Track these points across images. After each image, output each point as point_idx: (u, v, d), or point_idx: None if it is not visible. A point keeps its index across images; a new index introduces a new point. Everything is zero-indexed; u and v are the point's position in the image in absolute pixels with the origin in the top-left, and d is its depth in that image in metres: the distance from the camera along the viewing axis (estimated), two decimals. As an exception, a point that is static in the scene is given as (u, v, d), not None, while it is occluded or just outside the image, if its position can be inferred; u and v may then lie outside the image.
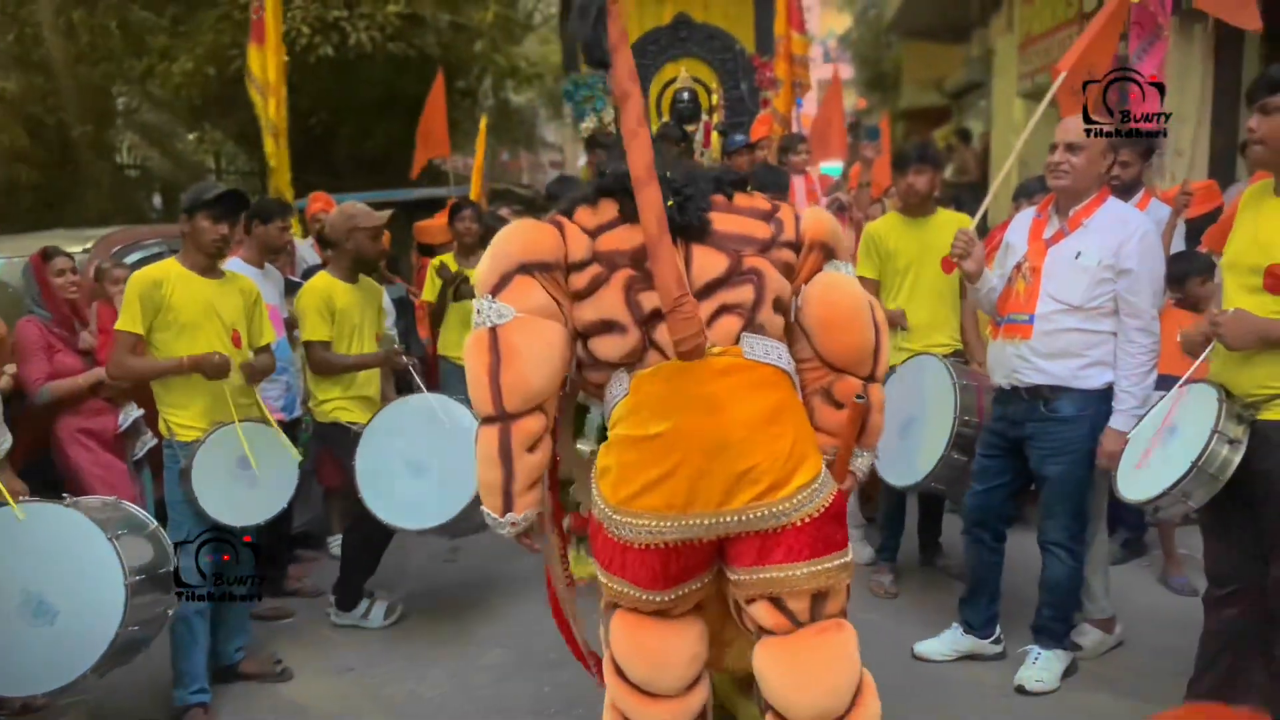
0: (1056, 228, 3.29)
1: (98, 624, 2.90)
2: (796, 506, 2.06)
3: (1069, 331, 3.20)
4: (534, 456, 2.10)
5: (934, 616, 3.92)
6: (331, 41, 10.39)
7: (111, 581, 2.91)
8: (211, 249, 3.51)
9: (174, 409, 3.48)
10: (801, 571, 2.08)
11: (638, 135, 2.03)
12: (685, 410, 2.04)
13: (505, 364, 2.04)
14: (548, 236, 2.12)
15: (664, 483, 2.03)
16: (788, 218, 2.25)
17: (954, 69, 16.30)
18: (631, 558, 2.10)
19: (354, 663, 3.88)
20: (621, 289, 2.08)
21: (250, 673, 3.72)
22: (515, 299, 2.06)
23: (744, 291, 2.11)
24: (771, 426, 2.06)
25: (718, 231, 2.15)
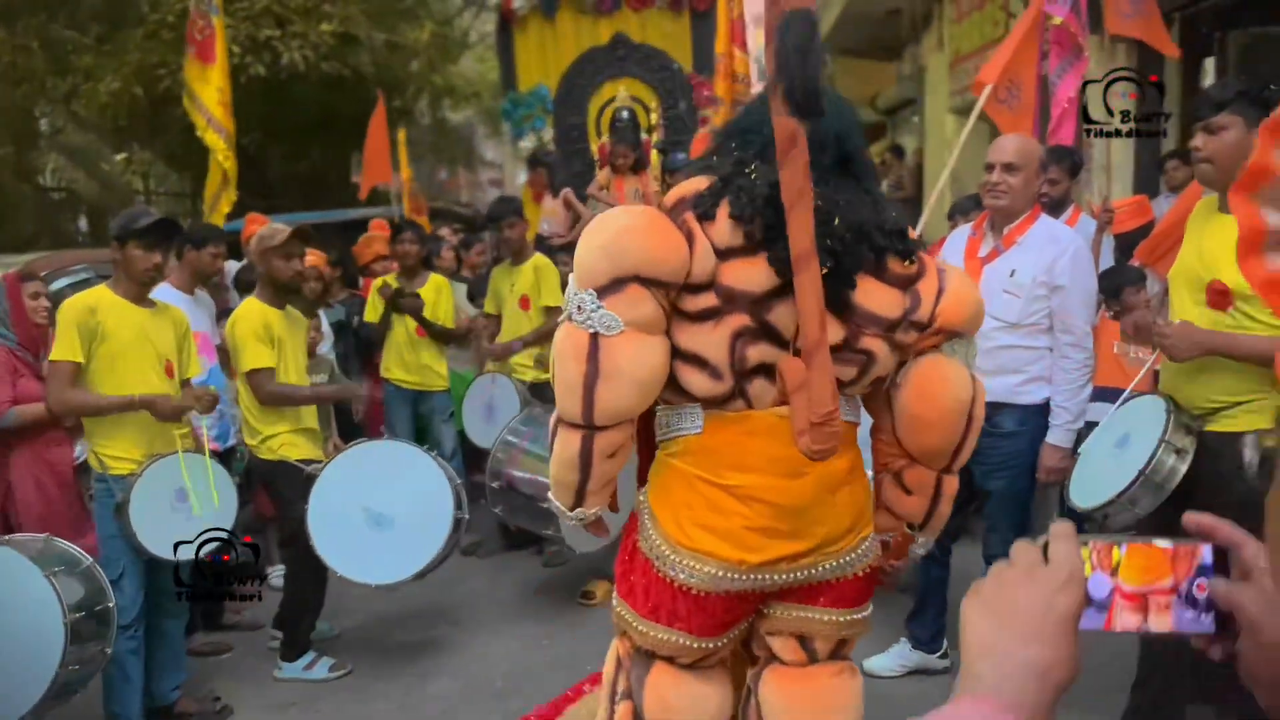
0: (991, 246, 3.35)
1: (36, 665, 2.81)
2: (860, 557, 2.04)
3: (1007, 349, 3.26)
4: (613, 462, 1.96)
5: (882, 631, 3.92)
6: (263, 61, 10.25)
7: (50, 620, 2.82)
8: (144, 278, 3.44)
9: (105, 441, 3.39)
10: (839, 619, 2.06)
11: (804, 198, 1.74)
12: (768, 469, 1.93)
13: (604, 381, 1.83)
14: (675, 252, 1.84)
15: (736, 535, 1.94)
16: (928, 292, 1.98)
17: (886, 86, 16.59)
18: (685, 604, 1.97)
19: (295, 697, 3.78)
20: (730, 335, 1.87)
21: (188, 711, 3.60)
22: (624, 309, 1.82)
23: (848, 370, 1.95)
24: (847, 486, 2.01)
25: (854, 303, 1.91)
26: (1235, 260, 2.49)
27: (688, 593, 1.96)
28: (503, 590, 4.61)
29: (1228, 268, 2.57)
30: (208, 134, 5.87)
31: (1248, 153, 2.55)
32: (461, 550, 5.35)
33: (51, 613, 2.83)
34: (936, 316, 1.98)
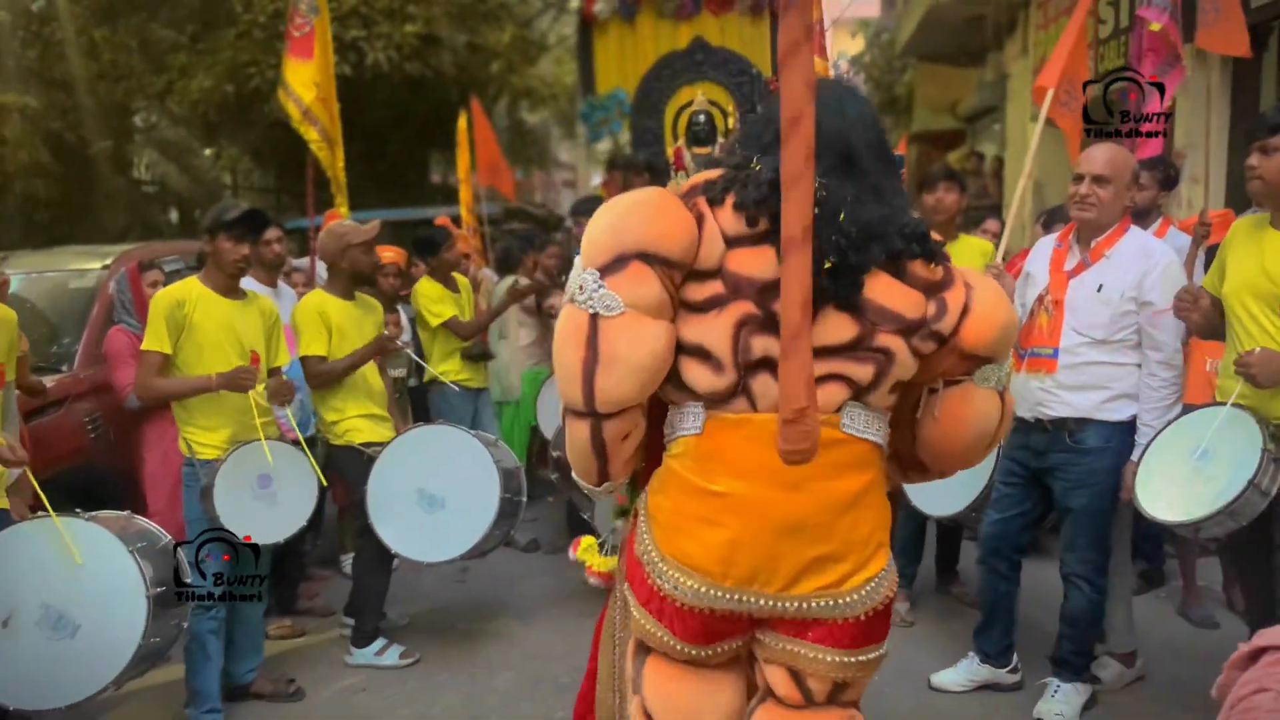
0: (1078, 259, 3.26)
1: (120, 637, 2.91)
2: (862, 600, 1.85)
3: (1093, 364, 3.18)
4: (629, 443, 1.88)
5: (950, 645, 3.89)
6: (349, 61, 10.48)
7: (133, 594, 2.92)
8: (233, 269, 3.53)
9: (196, 428, 3.50)
10: (831, 659, 1.87)
11: (801, 182, 1.59)
12: (762, 478, 1.80)
13: (603, 367, 1.76)
14: (683, 231, 1.77)
15: (723, 550, 1.82)
16: (955, 304, 1.85)
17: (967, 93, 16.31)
18: (667, 608, 1.88)
19: (366, 683, 3.86)
20: (733, 323, 1.78)
21: (263, 692, 3.70)
22: (626, 289, 1.75)
23: (864, 369, 1.81)
24: (854, 511, 1.84)
25: (864, 299, 1.80)
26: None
27: (670, 602, 1.87)
28: (566, 586, 4.65)
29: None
30: (303, 126, 6.06)
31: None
32: (523, 547, 5.43)
33: (135, 587, 2.92)
34: (959, 332, 1.85)
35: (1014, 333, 1.97)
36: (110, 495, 4.23)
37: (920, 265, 1.84)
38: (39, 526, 2.97)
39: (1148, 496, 2.93)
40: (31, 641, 2.87)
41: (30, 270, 5.25)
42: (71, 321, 4.81)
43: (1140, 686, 3.61)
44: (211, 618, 3.40)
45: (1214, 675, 3.12)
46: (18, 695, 2.88)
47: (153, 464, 4.26)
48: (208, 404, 3.48)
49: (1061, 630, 3.40)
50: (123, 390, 4.17)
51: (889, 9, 22.17)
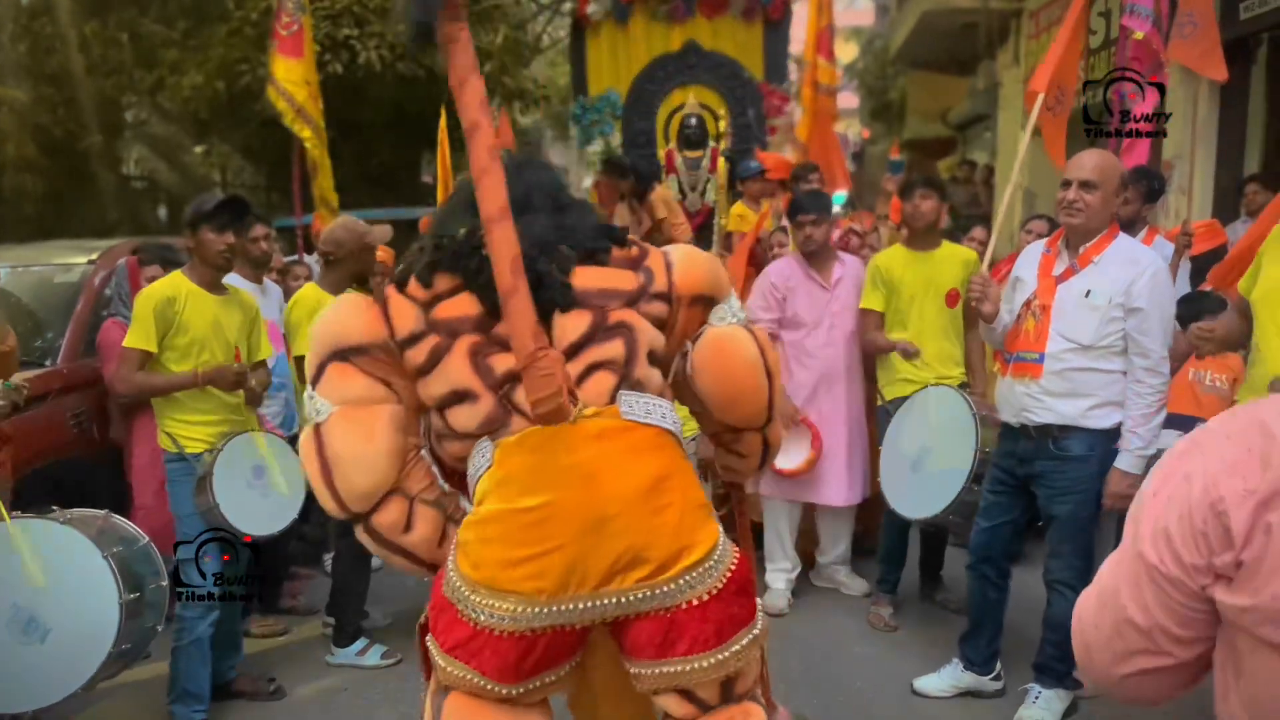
0: (1066, 264, 3.25)
1: (91, 642, 2.87)
2: (689, 585, 1.84)
3: (1079, 371, 3.17)
4: (414, 534, 1.95)
5: (933, 651, 3.89)
6: (341, 60, 10.46)
7: (106, 599, 2.89)
8: (219, 260, 3.46)
9: (183, 421, 3.44)
10: (708, 663, 1.86)
11: (489, 172, 1.79)
12: (557, 483, 1.81)
13: (333, 470, 1.89)
14: (361, 316, 1.92)
15: (533, 562, 1.80)
16: (658, 265, 2.00)
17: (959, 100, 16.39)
18: (483, 643, 1.84)
19: (347, 683, 3.84)
20: (466, 355, 1.86)
21: (243, 690, 3.68)
22: (330, 390, 1.90)
23: (614, 346, 1.89)
24: (655, 498, 1.84)
25: (580, 289, 1.91)
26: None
27: (485, 634, 1.83)
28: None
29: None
30: (296, 124, 6.05)
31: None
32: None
33: (108, 592, 2.89)
34: (674, 285, 1.99)
35: (719, 270, 2.10)
36: (94, 490, 4.21)
37: (618, 252, 1.99)
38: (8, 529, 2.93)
39: None
40: (0, 643, 2.83)
41: (15, 264, 5.22)
42: (56, 316, 4.78)
43: (1122, 694, 3.61)
44: (210, 622, 3.37)
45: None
46: (-19, 697, 2.85)
47: (140, 459, 4.23)
48: (198, 397, 3.44)
49: (1045, 636, 3.40)
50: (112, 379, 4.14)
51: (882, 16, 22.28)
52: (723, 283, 2.08)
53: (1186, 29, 3.93)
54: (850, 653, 4.05)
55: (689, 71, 8.47)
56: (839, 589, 4.72)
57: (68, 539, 2.93)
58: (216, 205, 3.45)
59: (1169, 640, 1.17)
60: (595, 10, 8.63)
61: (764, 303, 4.52)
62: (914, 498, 3.91)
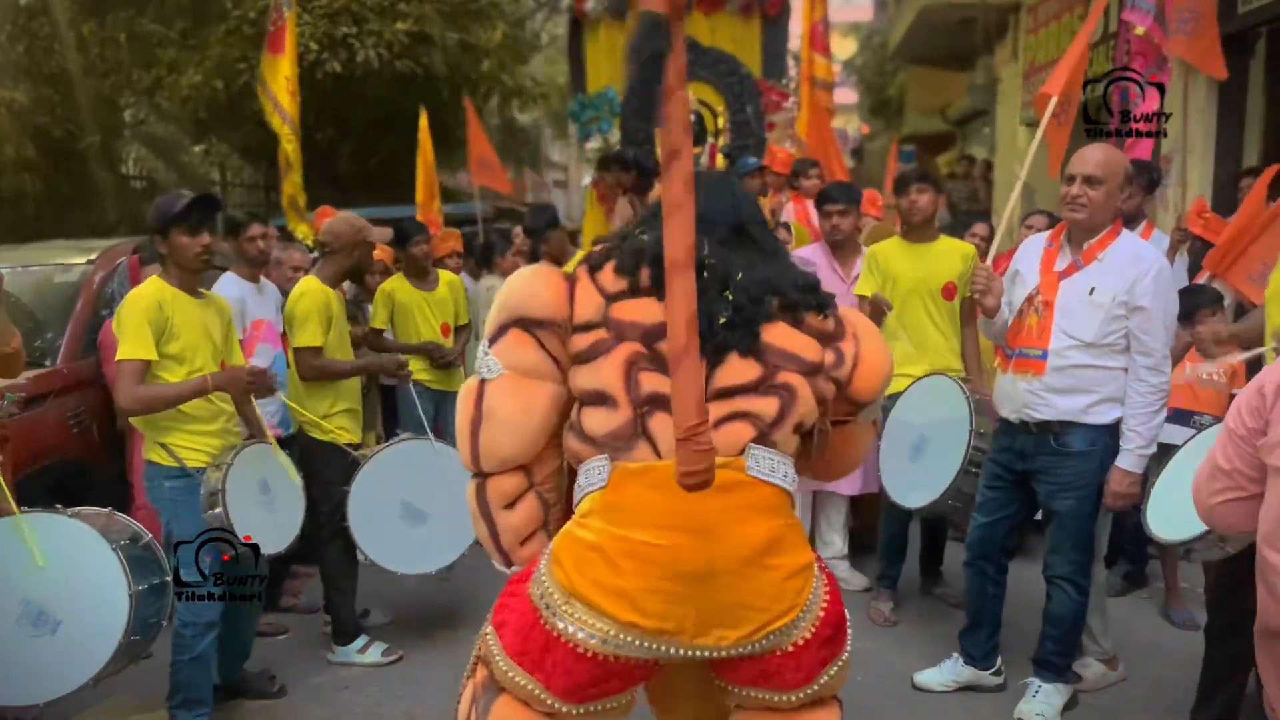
0: (1069, 260, 3.23)
1: (101, 634, 2.90)
2: (783, 636, 1.86)
3: (1081, 368, 3.16)
4: (514, 515, 1.99)
5: (934, 646, 3.89)
6: (339, 58, 10.46)
7: (115, 592, 2.90)
8: (196, 263, 3.27)
9: (186, 434, 3.27)
10: (799, 695, 1.92)
11: (682, 210, 1.70)
12: (671, 525, 1.80)
13: (485, 423, 1.95)
14: (551, 290, 1.95)
15: (628, 597, 1.80)
16: (849, 353, 1.99)
17: (958, 96, 16.37)
18: (561, 659, 1.84)
19: (348, 680, 3.85)
20: (623, 362, 1.87)
21: (247, 689, 3.67)
22: (505, 354, 1.95)
23: (768, 403, 1.88)
24: (765, 558, 1.83)
25: (766, 343, 1.90)
26: None
27: (566, 647, 1.83)
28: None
29: None
30: (274, 119, 6.08)
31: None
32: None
33: (117, 584, 2.91)
34: (852, 382, 2.01)
35: (890, 377, 2.11)
36: (94, 491, 4.21)
37: (815, 318, 1.98)
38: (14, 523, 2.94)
39: (1156, 509, 2.88)
40: (11, 637, 2.84)
41: (15, 264, 5.21)
42: (56, 316, 4.78)
43: (1121, 687, 3.62)
44: (211, 639, 3.29)
45: (1196, 676, 3.14)
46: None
47: (141, 459, 4.20)
48: (199, 406, 3.27)
49: (1044, 631, 3.40)
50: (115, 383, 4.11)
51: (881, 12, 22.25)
52: (885, 389, 2.11)
53: (1188, 25, 3.92)
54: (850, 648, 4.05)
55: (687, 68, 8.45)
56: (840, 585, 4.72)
57: (76, 532, 2.95)
58: (186, 206, 3.23)
59: (1243, 478, 2.02)
60: (593, 7, 8.63)
61: None
62: (913, 487, 3.92)
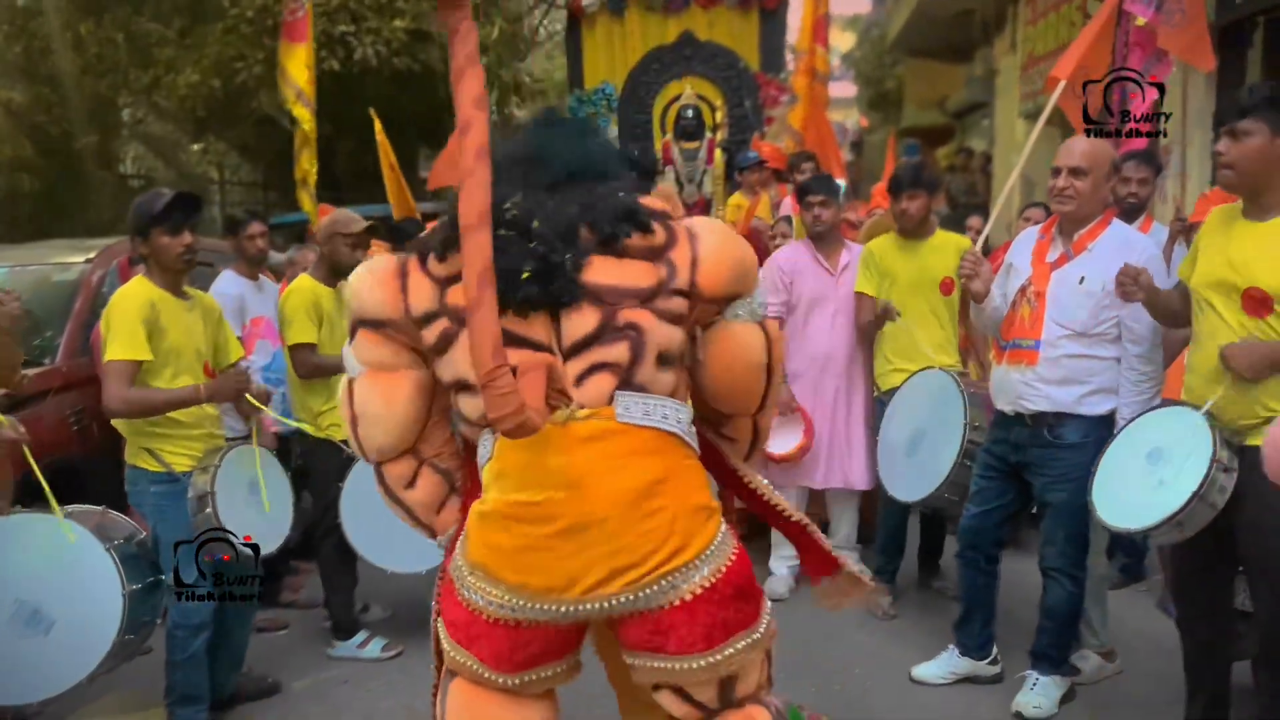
0: (1060, 251, 3.26)
1: (95, 633, 2.91)
2: (671, 585, 1.83)
3: (1073, 358, 3.17)
4: (416, 492, 2.08)
5: (932, 639, 3.89)
6: (337, 56, 10.43)
7: (109, 591, 2.91)
8: (179, 263, 3.23)
9: (168, 437, 3.23)
10: (699, 664, 1.85)
11: (474, 174, 1.72)
12: (546, 483, 1.82)
13: (359, 421, 2.02)
14: (382, 290, 1.95)
15: (520, 556, 1.83)
16: (682, 259, 1.91)
17: (957, 88, 16.38)
18: (479, 629, 1.89)
19: (348, 675, 3.86)
20: (468, 348, 1.84)
21: (244, 693, 3.66)
22: (360, 352, 2.01)
23: (618, 349, 1.85)
24: (646, 502, 1.82)
25: (591, 284, 1.86)
26: (1272, 266, 2.54)
27: (478, 617, 1.89)
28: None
29: (1265, 274, 2.57)
30: (296, 107, 6.13)
31: (1271, 159, 2.58)
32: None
33: (111, 584, 2.92)
34: (697, 283, 1.91)
35: (748, 267, 2.01)
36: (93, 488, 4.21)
37: (639, 238, 1.91)
38: (14, 521, 2.96)
39: (1103, 500, 2.88)
40: (4, 637, 2.85)
41: (13, 264, 5.23)
42: (55, 315, 4.78)
43: (1119, 680, 3.63)
44: (204, 639, 3.28)
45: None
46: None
47: None
48: (185, 413, 3.24)
49: (1041, 624, 3.41)
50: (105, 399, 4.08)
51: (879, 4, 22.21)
52: (749, 279, 2.02)
53: (1175, 17, 3.92)
54: (849, 640, 4.07)
55: (685, 63, 8.44)
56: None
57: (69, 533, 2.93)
58: (166, 205, 3.20)
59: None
60: (590, 2, 8.61)
61: (771, 288, 4.54)
62: (910, 481, 3.93)
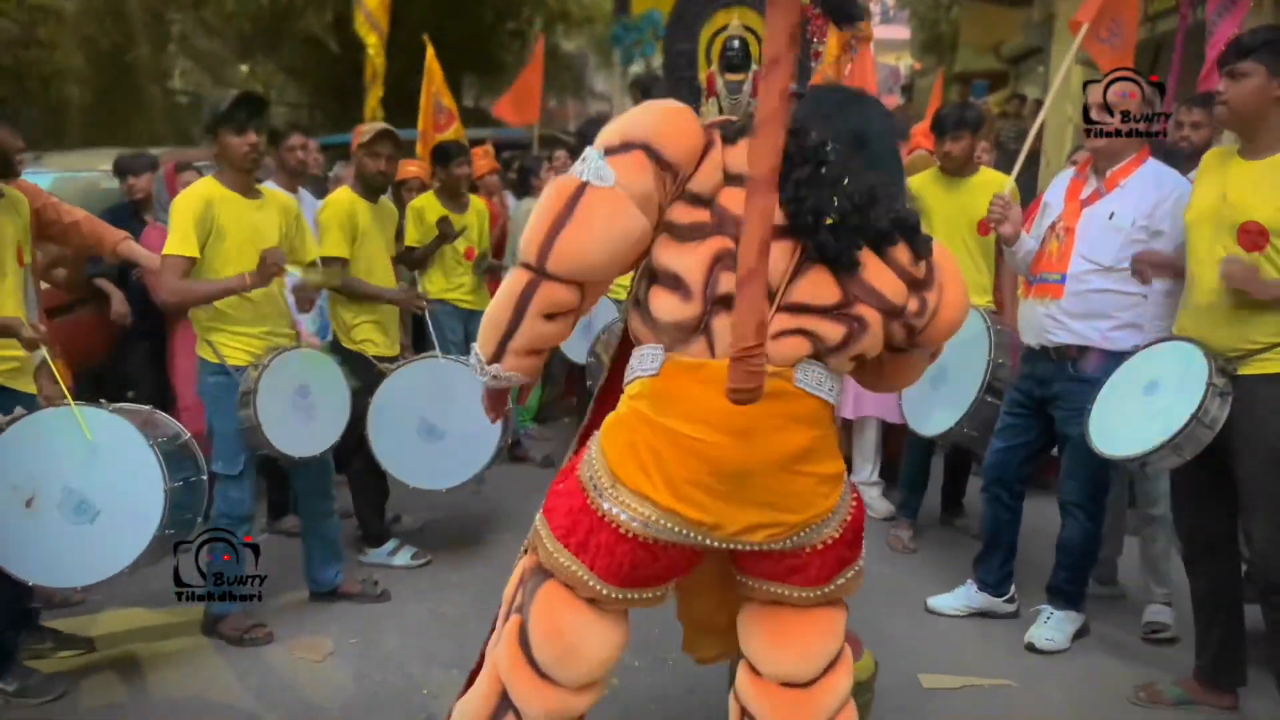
0: (1093, 188, 3.26)
1: (137, 526, 3.00)
2: (812, 535, 1.93)
3: (1100, 292, 3.18)
4: (548, 326, 1.88)
5: (950, 574, 3.94)
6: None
7: (152, 486, 3.00)
8: (245, 162, 3.34)
9: (228, 333, 3.38)
10: (814, 594, 1.99)
11: (773, 123, 1.65)
12: (714, 423, 1.83)
13: (573, 225, 1.79)
14: (690, 137, 1.83)
15: (672, 485, 1.85)
16: (933, 303, 1.95)
17: (1013, 33, 15.92)
18: (604, 541, 1.90)
19: (378, 580, 3.96)
20: (711, 255, 1.81)
21: (351, 592, 3.80)
22: (622, 169, 1.79)
23: (836, 329, 1.85)
24: (800, 464, 1.88)
25: (856, 276, 1.86)
26: (1265, 200, 2.61)
27: (610, 528, 1.89)
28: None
29: (1260, 208, 2.64)
30: (363, 29, 6.14)
31: (1266, 100, 2.65)
32: (539, 463, 5.51)
33: (153, 479, 3.00)
34: (929, 330, 1.98)
35: (962, 323, 2.07)
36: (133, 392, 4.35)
37: (908, 260, 1.90)
38: (63, 413, 3.05)
39: (1101, 432, 2.95)
40: (53, 523, 2.95)
41: (61, 170, 5.33)
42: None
43: (1136, 619, 3.61)
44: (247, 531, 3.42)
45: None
46: (38, 573, 2.98)
47: (184, 361, 4.31)
48: (242, 307, 3.36)
49: (1057, 559, 3.44)
50: (156, 288, 4.24)
51: (938, -56, 21.56)
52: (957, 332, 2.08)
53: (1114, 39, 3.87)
54: (868, 571, 4.06)
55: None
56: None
57: (116, 426, 3.03)
58: (231, 105, 3.34)
59: None
60: (640, -71, 8.46)
61: None
62: (934, 415, 3.96)
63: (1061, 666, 3.33)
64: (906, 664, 3.28)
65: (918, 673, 3.24)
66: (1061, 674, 3.28)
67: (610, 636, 2.00)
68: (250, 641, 3.43)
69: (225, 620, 3.46)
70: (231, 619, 3.46)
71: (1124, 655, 3.41)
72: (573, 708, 2.02)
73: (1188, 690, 3.04)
